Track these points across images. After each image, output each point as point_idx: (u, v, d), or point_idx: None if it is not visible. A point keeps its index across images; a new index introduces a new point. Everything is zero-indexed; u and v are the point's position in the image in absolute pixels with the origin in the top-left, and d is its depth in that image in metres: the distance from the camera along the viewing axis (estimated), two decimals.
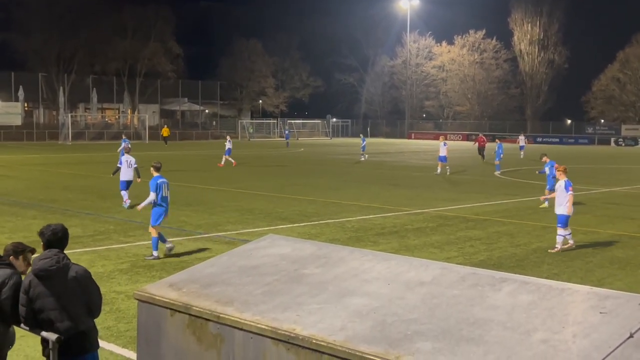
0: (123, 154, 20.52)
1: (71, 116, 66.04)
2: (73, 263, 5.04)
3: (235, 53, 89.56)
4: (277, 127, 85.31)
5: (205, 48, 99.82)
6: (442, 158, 31.35)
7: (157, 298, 4.48)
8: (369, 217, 17.58)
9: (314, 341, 3.60)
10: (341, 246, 5.48)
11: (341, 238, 14.40)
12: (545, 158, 20.04)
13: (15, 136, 64.52)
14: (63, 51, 72.02)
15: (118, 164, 19.96)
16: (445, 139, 32.76)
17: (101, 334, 6.81)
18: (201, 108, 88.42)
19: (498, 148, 33.20)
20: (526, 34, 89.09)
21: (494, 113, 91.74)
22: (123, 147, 24.38)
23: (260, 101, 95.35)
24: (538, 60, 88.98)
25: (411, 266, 4.49)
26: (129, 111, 79.29)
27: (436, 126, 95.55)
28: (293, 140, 69.15)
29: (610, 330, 3.30)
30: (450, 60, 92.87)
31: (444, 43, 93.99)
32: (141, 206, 12.96)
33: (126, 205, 18.49)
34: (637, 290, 9.99)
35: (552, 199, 13.97)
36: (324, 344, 3.55)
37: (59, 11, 68.93)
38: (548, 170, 19.74)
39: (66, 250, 5.18)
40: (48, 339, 4.75)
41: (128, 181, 19.27)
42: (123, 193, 19.12)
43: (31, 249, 5.34)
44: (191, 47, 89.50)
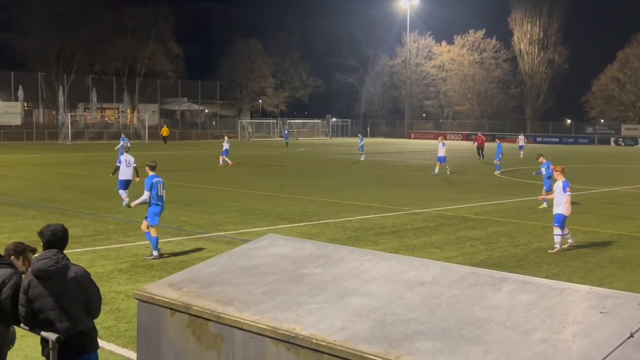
0: (122, 153, 20.46)
1: (71, 116, 66.00)
2: (72, 263, 5.04)
3: (235, 53, 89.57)
4: (277, 127, 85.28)
5: (205, 48, 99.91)
6: (441, 158, 31.22)
7: (157, 298, 4.49)
8: (369, 217, 17.59)
9: (314, 341, 3.60)
10: (341, 246, 5.48)
11: (341, 238, 14.40)
12: (541, 158, 20.01)
13: (14, 136, 64.54)
14: (63, 51, 72.03)
15: (117, 163, 19.86)
16: (443, 140, 32.61)
17: (101, 334, 6.81)
18: (201, 108, 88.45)
19: (498, 148, 33.22)
20: (526, 34, 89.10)
21: (494, 113, 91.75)
22: (122, 146, 24.44)
23: (260, 101, 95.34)
24: (538, 60, 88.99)
25: (411, 266, 4.49)
26: (129, 111, 79.32)
27: (436, 126, 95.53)
28: (293, 140, 69.14)
29: (610, 330, 3.30)
30: (450, 60, 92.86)
31: (444, 43, 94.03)
32: (134, 203, 13.11)
33: (125, 202, 18.45)
34: (637, 290, 9.99)
35: (551, 200, 13.96)
36: (324, 344, 3.56)
37: (59, 11, 68.95)
38: (544, 170, 19.74)
39: (66, 250, 5.18)
40: (48, 339, 4.75)
41: (127, 180, 19.20)
42: (121, 192, 19.07)
43: (32, 249, 5.33)
44: (191, 47, 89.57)
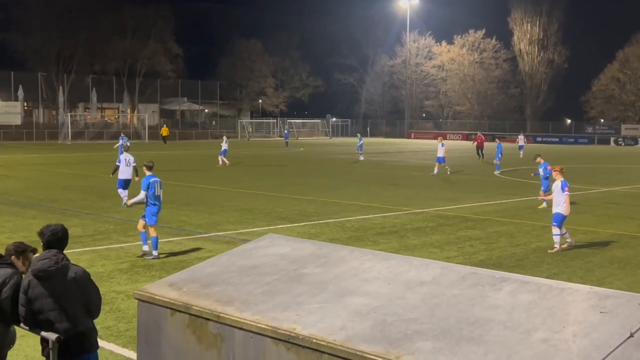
0: (122, 152, 20.44)
1: (71, 116, 66.00)
2: (72, 264, 5.03)
3: (235, 53, 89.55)
4: (277, 127, 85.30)
5: (205, 48, 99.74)
6: (440, 159, 31.10)
7: (157, 298, 4.48)
8: (369, 217, 17.58)
9: (314, 341, 3.59)
10: (341, 246, 5.48)
11: (341, 238, 14.40)
12: (539, 159, 19.97)
13: (14, 136, 64.54)
14: (62, 51, 72.01)
15: (117, 163, 19.84)
16: (442, 140, 32.55)
17: (101, 334, 6.81)
18: (201, 108, 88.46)
19: (498, 148, 33.21)
20: (526, 34, 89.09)
21: (494, 113, 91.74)
22: (121, 145, 24.42)
23: (260, 101, 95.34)
24: (538, 59, 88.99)
25: (411, 266, 4.49)
26: (129, 111, 79.32)
27: (436, 126, 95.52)
28: (293, 140, 69.13)
29: (610, 329, 3.30)
30: (449, 59, 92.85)
31: (444, 43, 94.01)
32: (131, 201, 13.42)
33: (124, 201, 18.42)
34: (637, 289, 9.99)
35: (551, 200, 13.95)
36: (324, 344, 3.55)
37: (59, 11, 68.93)
38: (542, 171, 19.72)
39: (66, 250, 5.17)
40: (48, 339, 4.75)
41: (126, 180, 19.18)
42: (120, 191, 19.06)
43: (33, 249, 5.33)
44: (191, 47, 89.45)
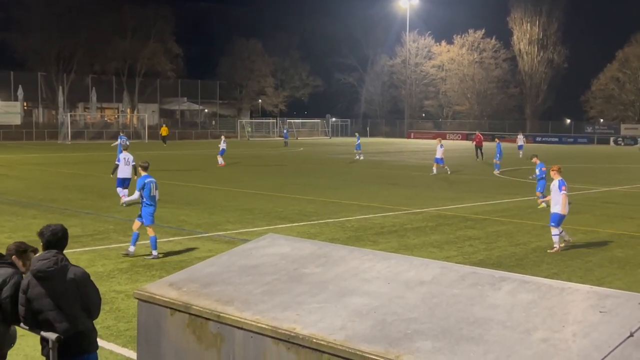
0: (121, 151, 20.45)
1: (70, 115, 65.96)
2: (72, 265, 5.02)
3: (235, 53, 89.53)
4: (277, 127, 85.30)
5: (205, 48, 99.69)
6: (438, 160, 31.03)
7: (157, 297, 4.48)
8: (369, 217, 17.59)
9: (314, 340, 3.60)
10: (341, 245, 5.48)
11: (341, 237, 14.40)
12: (535, 159, 19.95)
13: (14, 136, 64.53)
14: (62, 50, 72.00)
15: (116, 162, 19.87)
16: (441, 141, 32.49)
17: (101, 334, 6.82)
18: (200, 107, 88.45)
19: (497, 147, 33.19)
20: (525, 34, 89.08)
21: (494, 112, 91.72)
22: (120, 144, 24.30)
23: (259, 101, 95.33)
24: (537, 59, 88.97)
25: (411, 265, 4.49)
26: (128, 111, 79.31)
27: (435, 126, 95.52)
28: (292, 139, 69.09)
29: (610, 329, 3.30)
30: (449, 59, 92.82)
31: (444, 42, 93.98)
32: (126, 199, 13.80)
33: (123, 200, 18.38)
34: (637, 289, 9.99)
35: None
36: (324, 343, 3.56)
37: (59, 11, 68.92)
38: (538, 171, 19.72)
39: (66, 249, 5.17)
40: (47, 338, 4.75)
41: (126, 179, 19.18)
42: (119, 190, 19.07)
43: (34, 249, 5.33)
44: (191, 47, 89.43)
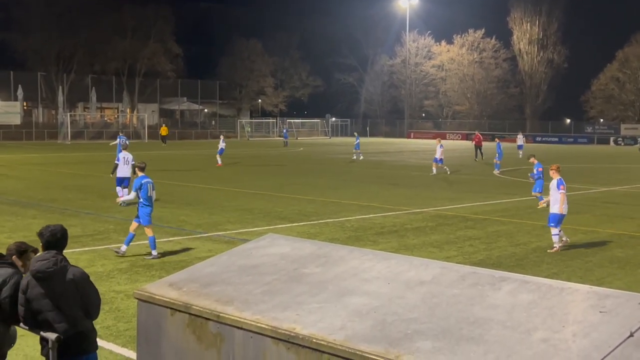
0: (120, 151, 20.46)
1: (70, 115, 65.93)
2: (71, 265, 5.02)
3: (234, 53, 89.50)
4: (277, 127, 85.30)
5: (204, 48, 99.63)
6: (437, 160, 31.02)
7: (157, 297, 4.48)
8: (369, 217, 17.58)
9: (314, 340, 3.59)
10: (341, 245, 5.48)
11: (340, 237, 14.40)
12: (532, 159, 19.96)
13: (14, 135, 64.52)
14: (62, 50, 71.97)
15: (116, 161, 19.88)
16: (441, 141, 32.45)
17: (100, 334, 6.82)
18: (200, 107, 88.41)
19: (497, 147, 33.20)
20: (525, 33, 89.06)
21: (493, 112, 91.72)
22: (120, 143, 24.34)
23: (259, 100, 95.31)
24: (537, 59, 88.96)
25: (411, 265, 4.49)
26: (128, 110, 79.30)
27: (435, 125, 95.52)
28: (292, 139, 69.06)
29: (610, 329, 3.30)
30: (449, 59, 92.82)
31: (443, 42, 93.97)
32: (122, 199, 14.28)
33: (122, 199, 18.38)
34: (637, 289, 9.99)
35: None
36: (324, 343, 3.55)
37: (59, 10, 68.90)
38: (535, 171, 19.71)
39: (66, 249, 5.17)
40: (47, 338, 4.74)
41: (124, 178, 19.19)
42: (118, 190, 19.09)
43: (34, 249, 5.32)
44: (191, 47, 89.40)
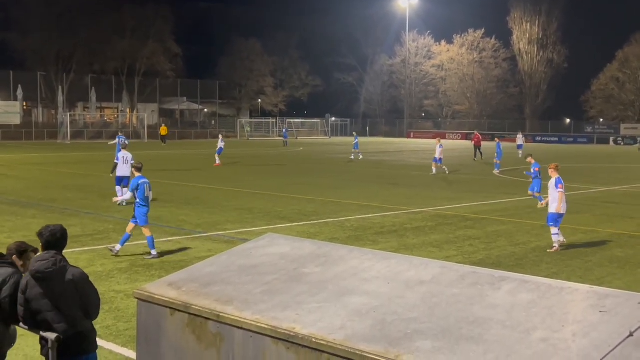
0: (120, 150, 20.46)
1: (70, 115, 65.89)
2: (71, 265, 5.01)
3: (234, 52, 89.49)
4: (276, 127, 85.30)
5: (204, 47, 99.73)
6: (436, 159, 31.00)
7: (157, 297, 4.48)
8: (368, 216, 17.58)
9: (314, 340, 3.59)
10: (341, 245, 5.48)
11: (340, 237, 14.40)
12: (530, 159, 19.95)
13: (14, 135, 64.50)
14: (62, 50, 71.92)
15: (115, 161, 19.90)
16: (440, 141, 32.42)
17: (100, 333, 6.81)
18: (200, 107, 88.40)
19: (497, 147, 33.20)
20: (525, 33, 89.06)
21: (493, 112, 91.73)
22: (119, 143, 24.30)
23: (259, 100, 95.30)
24: (537, 59, 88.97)
25: (411, 265, 4.49)
26: (128, 110, 79.28)
27: (435, 125, 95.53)
28: (292, 139, 69.04)
29: (610, 329, 3.30)
30: (449, 59, 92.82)
31: (443, 42, 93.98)
32: (118, 199, 14.46)
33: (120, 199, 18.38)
34: (637, 289, 9.98)
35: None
36: (324, 343, 3.55)
37: (58, 10, 68.86)
38: (532, 170, 19.70)
39: (66, 249, 5.17)
40: (47, 338, 4.74)
41: (124, 177, 19.19)
42: (118, 189, 19.10)
43: (34, 249, 5.32)
44: (190, 47, 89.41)
